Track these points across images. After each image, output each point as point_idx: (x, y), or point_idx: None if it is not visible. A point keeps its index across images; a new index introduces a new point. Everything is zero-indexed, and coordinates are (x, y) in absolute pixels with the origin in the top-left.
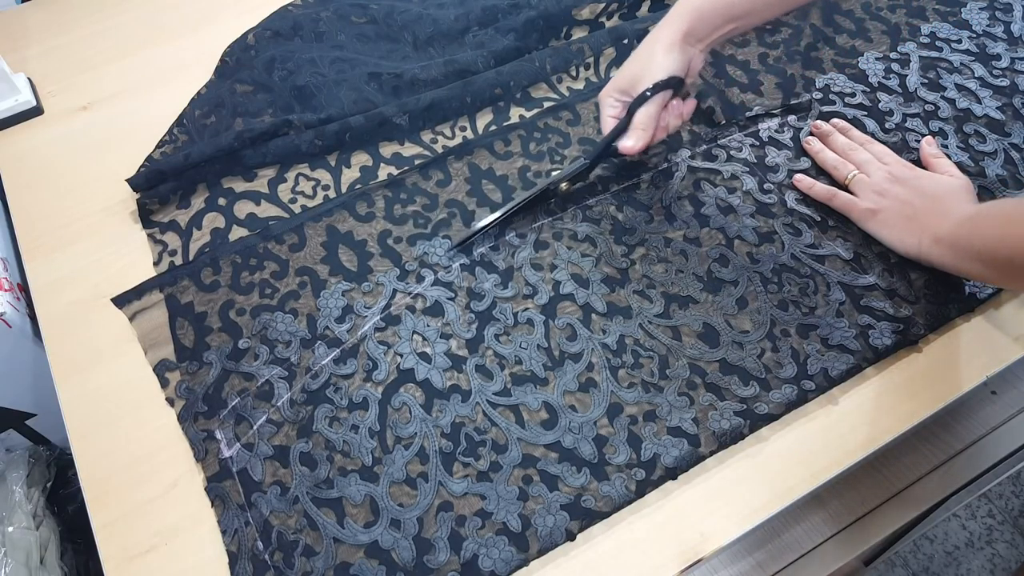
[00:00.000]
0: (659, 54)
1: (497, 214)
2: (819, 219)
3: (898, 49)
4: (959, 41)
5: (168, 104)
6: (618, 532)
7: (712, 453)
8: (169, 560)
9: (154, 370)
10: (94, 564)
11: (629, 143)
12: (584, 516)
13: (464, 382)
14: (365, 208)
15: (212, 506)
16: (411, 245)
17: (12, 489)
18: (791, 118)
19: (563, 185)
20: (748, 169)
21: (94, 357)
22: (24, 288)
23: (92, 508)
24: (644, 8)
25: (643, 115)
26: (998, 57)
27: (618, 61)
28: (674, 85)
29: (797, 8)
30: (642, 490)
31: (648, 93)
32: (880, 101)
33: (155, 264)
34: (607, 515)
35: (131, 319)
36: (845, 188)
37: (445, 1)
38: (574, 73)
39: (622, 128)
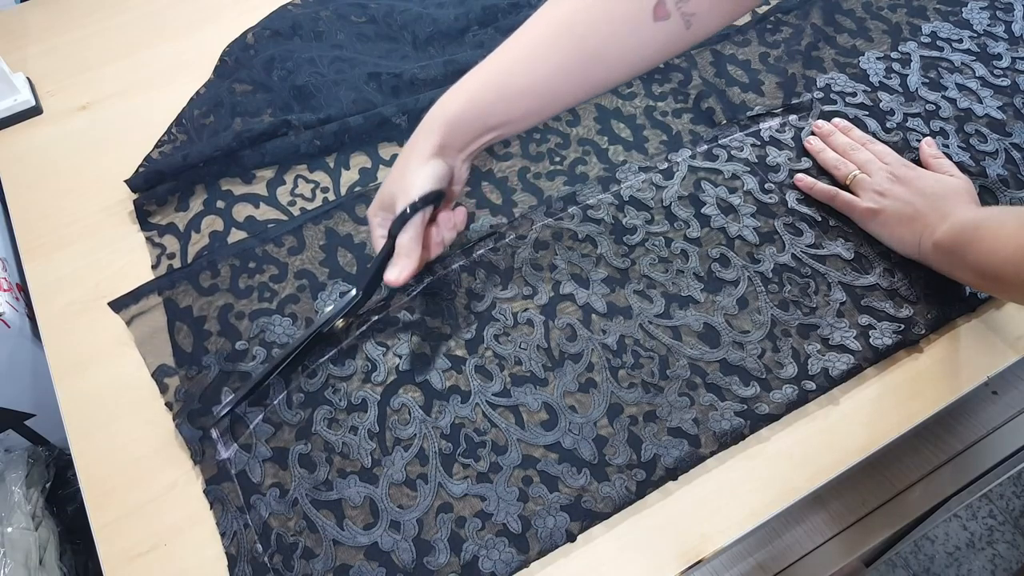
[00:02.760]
0: (413, 171)
1: (273, 364)
2: (820, 219)
3: (899, 48)
4: (960, 41)
5: (167, 104)
6: (618, 533)
7: (712, 453)
8: (168, 561)
9: (152, 375)
10: (93, 564)
11: (392, 275)
12: (584, 517)
13: (463, 383)
14: (364, 210)
15: (211, 508)
16: None
17: (11, 490)
18: (792, 118)
19: (339, 322)
20: (749, 169)
21: (93, 357)
22: (23, 288)
23: (91, 508)
24: None
25: (405, 240)
26: (999, 57)
27: None
28: (433, 200)
29: (564, 110)
30: (642, 491)
31: (408, 211)
32: (881, 101)
33: (153, 267)
34: (607, 516)
35: (128, 323)
36: (846, 188)
37: (445, 1)
38: None
39: (388, 252)
